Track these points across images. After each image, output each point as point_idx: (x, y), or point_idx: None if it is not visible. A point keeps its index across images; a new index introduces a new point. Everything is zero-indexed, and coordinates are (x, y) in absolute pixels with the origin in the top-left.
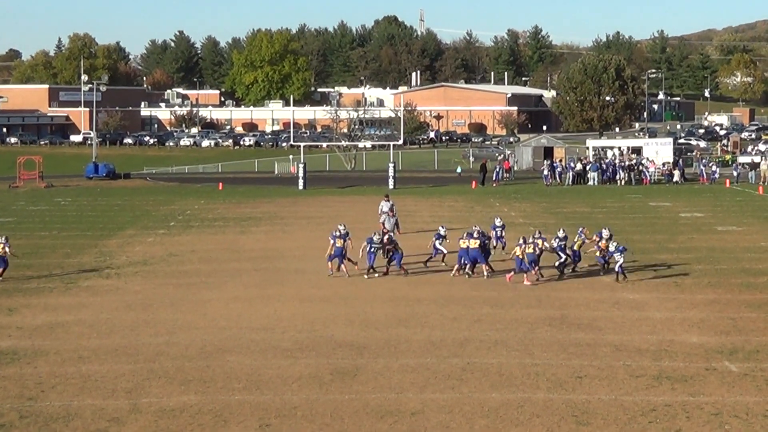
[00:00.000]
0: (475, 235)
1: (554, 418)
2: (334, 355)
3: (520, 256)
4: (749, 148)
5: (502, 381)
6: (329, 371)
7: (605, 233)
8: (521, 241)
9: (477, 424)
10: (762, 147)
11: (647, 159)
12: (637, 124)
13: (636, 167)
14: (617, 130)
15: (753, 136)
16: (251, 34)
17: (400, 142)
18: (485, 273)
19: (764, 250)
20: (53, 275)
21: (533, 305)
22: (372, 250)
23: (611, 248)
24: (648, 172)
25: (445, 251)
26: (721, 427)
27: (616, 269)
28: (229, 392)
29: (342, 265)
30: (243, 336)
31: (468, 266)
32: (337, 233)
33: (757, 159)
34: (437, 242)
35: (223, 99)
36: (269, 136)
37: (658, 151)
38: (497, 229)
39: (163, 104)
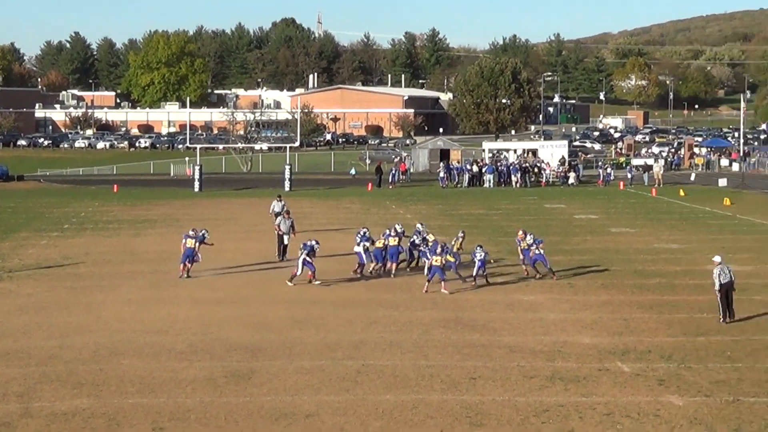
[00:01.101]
0: (393, 233)
1: (448, 419)
2: (228, 358)
3: (438, 265)
4: (643, 151)
5: (397, 382)
6: (224, 374)
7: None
8: (439, 249)
9: (371, 425)
10: (655, 149)
11: (543, 161)
12: (532, 127)
13: (532, 169)
14: (513, 132)
15: (647, 138)
16: (148, 36)
17: (297, 144)
18: (393, 273)
19: (656, 251)
20: None
21: (428, 307)
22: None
23: (529, 241)
24: (544, 173)
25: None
26: (613, 426)
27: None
28: (122, 395)
29: (189, 265)
30: (137, 339)
31: (377, 266)
32: (191, 233)
33: (650, 161)
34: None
35: (118, 101)
36: (165, 138)
37: (554, 154)
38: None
39: (58, 106)
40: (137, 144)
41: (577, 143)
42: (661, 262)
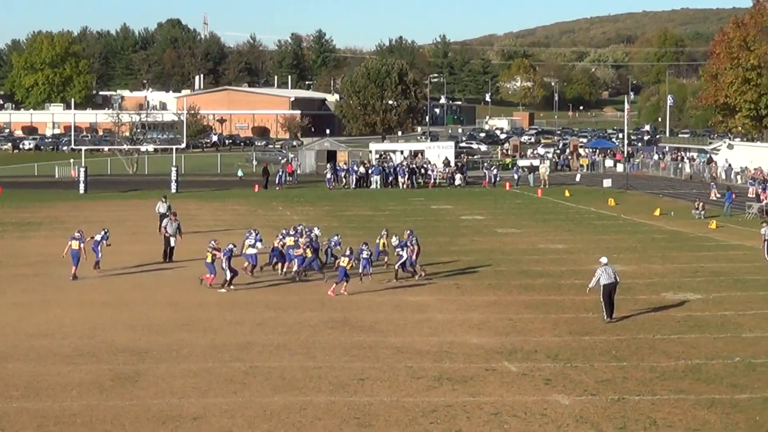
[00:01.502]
0: (291, 231)
1: (336, 420)
2: (114, 361)
3: (347, 267)
4: (529, 152)
5: (285, 384)
6: (110, 377)
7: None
8: (348, 252)
9: (259, 428)
10: (541, 150)
11: (430, 162)
12: (419, 128)
13: (419, 170)
14: (400, 133)
15: (532, 140)
16: (31, 36)
17: (183, 145)
18: (286, 272)
19: (542, 251)
20: None
21: (316, 308)
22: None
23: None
24: (432, 174)
25: (405, 256)
26: (500, 426)
27: (396, 266)
28: (6, 399)
29: (75, 268)
30: (22, 342)
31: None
32: (77, 235)
33: (536, 162)
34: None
35: (1, 102)
36: (50, 140)
37: (440, 155)
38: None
39: None
40: (21, 146)
41: (463, 144)
42: (547, 263)
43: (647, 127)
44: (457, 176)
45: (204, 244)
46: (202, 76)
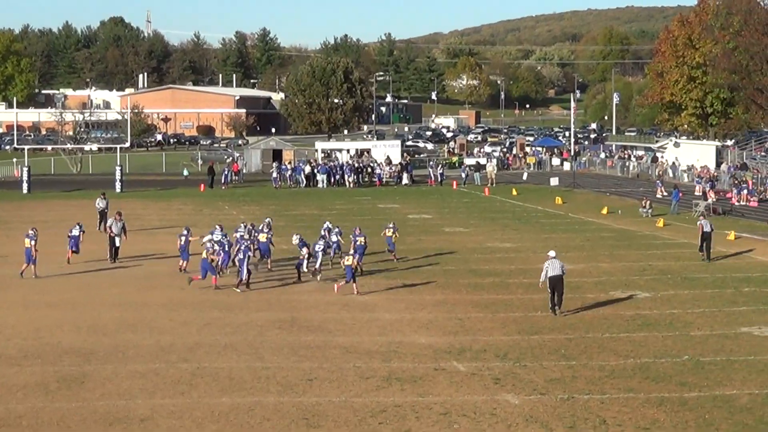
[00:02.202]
0: (266, 229)
1: (285, 421)
2: (60, 363)
3: (353, 266)
4: (475, 151)
5: (233, 385)
6: (56, 379)
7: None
8: (351, 250)
9: (207, 428)
10: (487, 149)
11: (376, 161)
12: (365, 126)
13: (365, 169)
14: (346, 132)
15: (479, 138)
16: None
17: (127, 144)
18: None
19: (490, 250)
20: None
21: (263, 308)
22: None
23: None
24: (378, 173)
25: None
26: (450, 426)
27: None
28: None
29: (26, 266)
30: None
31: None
32: (30, 233)
33: (482, 161)
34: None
35: None
36: None
37: (387, 153)
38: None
39: None
40: None
41: (409, 143)
42: (495, 261)
43: (594, 126)
44: (404, 175)
45: (149, 243)
46: (145, 74)
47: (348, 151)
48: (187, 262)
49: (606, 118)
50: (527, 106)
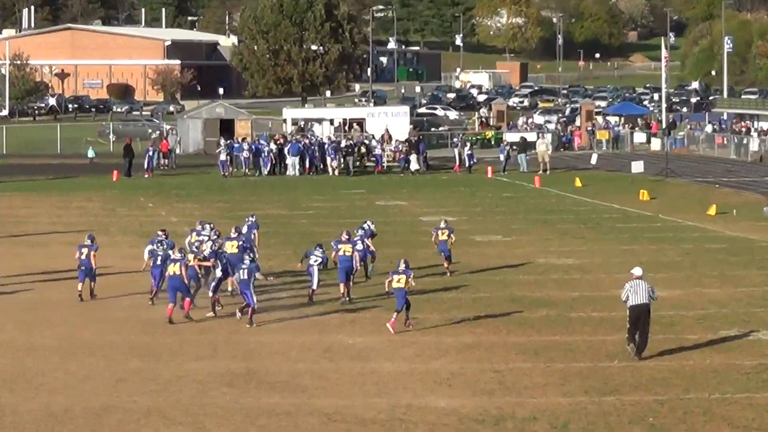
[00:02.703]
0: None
1: None
2: None
3: (406, 287)
4: (520, 121)
5: None
6: None
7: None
8: (402, 265)
9: None
10: (538, 119)
11: (373, 137)
12: (357, 86)
13: (357, 149)
14: (329, 94)
15: (525, 103)
16: None
17: (5, 112)
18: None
19: (542, 269)
20: None
21: (206, 355)
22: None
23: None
24: (378, 155)
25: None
26: None
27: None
28: None
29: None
30: None
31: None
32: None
33: (531, 136)
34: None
35: None
36: None
37: (389, 125)
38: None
39: None
40: None
41: (423, 110)
42: (550, 286)
43: (695, 85)
44: (413, 157)
45: (35, 258)
46: (32, 9)
47: (331, 122)
48: (94, 283)
49: (714, 73)
50: (597, 55)
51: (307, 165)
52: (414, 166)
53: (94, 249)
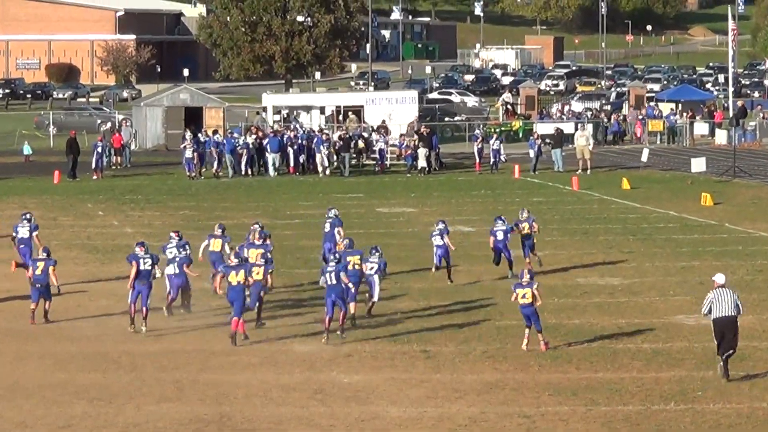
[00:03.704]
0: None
1: None
2: None
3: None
4: (554, 109)
5: None
6: None
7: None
8: (527, 275)
9: None
10: (577, 106)
11: (372, 129)
12: (354, 66)
13: (354, 143)
14: (318, 76)
15: (561, 86)
16: None
17: None
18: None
19: (581, 290)
20: None
21: (170, 397)
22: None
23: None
24: (382, 150)
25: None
26: None
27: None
28: None
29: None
30: None
31: None
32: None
33: (568, 127)
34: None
35: None
36: None
37: (393, 114)
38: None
39: None
40: None
41: (435, 96)
42: (591, 311)
43: None
44: (421, 152)
45: None
46: None
47: (322, 110)
48: (49, 302)
49: None
50: (648, 28)
51: (292, 163)
52: (422, 163)
53: (52, 263)
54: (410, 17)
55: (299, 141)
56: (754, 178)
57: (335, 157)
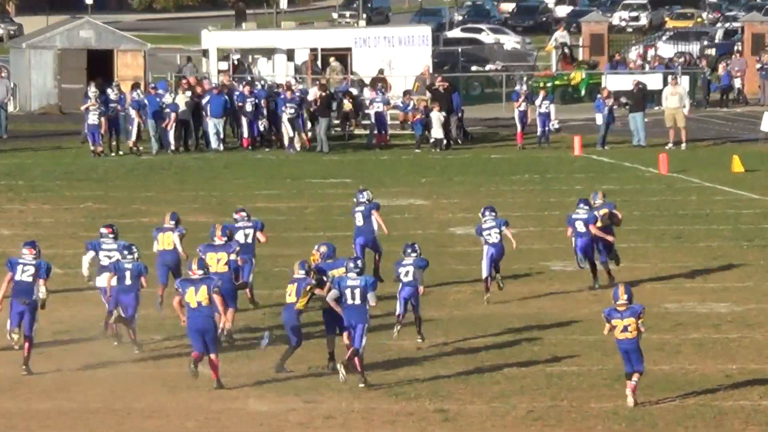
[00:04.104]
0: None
1: None
2: None
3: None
4: (632, 54)
5: None
6: None
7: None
8: (623, 295)
9: None
10: (666, 49)
11: (365, 84)
12: None
13: (338, 103)
14: (284, 4)
15: (642, 20)
16: None
17: None
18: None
19: (673, 320)
20: None
21: None
22: None
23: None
24: (380, 115)
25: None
26: None
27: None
28: None
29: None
30: None
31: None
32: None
33: (653, 81)
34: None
35: None
36: None
37: (395, 61)
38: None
39: None
40: None
41: (457, 33)
42: (688, 351)
43: None
44: (436, 117)
45: None
46: None
47: (290, 55)
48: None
49: None
50: None
51: (244, 132)
52: (437, 133)
53: None
54: None
55: (256, 100)
56: None
57: (309, 125)
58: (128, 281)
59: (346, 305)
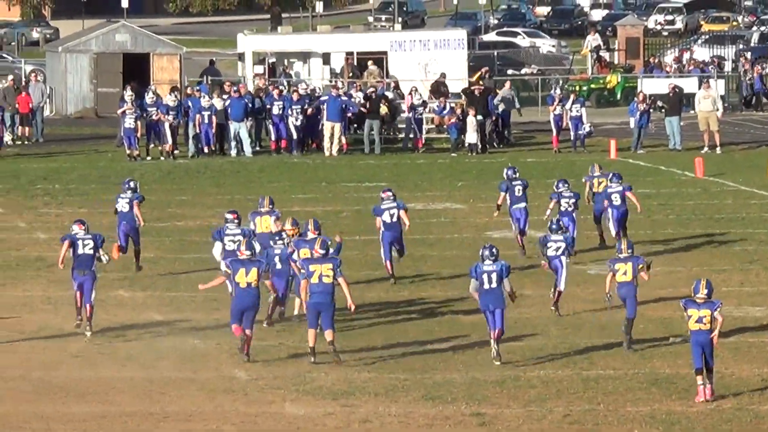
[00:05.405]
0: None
1: None
2: None
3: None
4: (668, 58)
5: None
6: None
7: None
8: (704, 290)
9: None
10: (701, 52)
11: (414, 89)
12: None
13: (374, 104)
14: (320, 8)
15: (677, 23)
16: None
17: None
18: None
19: (728, 325)
20: None
21: None
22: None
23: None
24: (415, 121)
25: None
26: None
27: None
28: None
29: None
30: None
31: None
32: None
33: (689, 84)
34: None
35: None
36: None
37: (429, 67)
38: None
39: None
40: None
41: (492, 36)
42: (724, 356)
43: None
44: (471, 120)
45: None
46: None
47: (326, 58)
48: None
49: None
50: None
51: (273, 136)
52: (471, 138)
53: None
54: None
55: (294, 104)
56: None
57: (346, 129)
58: (278, 266)
59: (483, 290)
